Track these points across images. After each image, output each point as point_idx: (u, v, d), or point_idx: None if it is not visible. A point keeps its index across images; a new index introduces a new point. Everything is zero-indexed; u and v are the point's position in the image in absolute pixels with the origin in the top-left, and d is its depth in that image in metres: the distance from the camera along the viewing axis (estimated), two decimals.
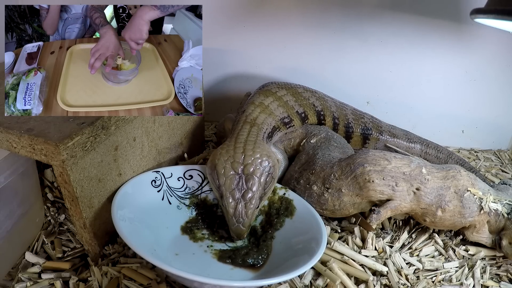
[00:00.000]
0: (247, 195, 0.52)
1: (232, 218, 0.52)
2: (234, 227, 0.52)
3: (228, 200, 0.52)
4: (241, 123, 0.61)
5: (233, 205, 0.52)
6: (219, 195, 0.54)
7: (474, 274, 0.55)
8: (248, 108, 0.64)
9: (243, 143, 0.56)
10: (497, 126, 0.90)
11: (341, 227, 0.62)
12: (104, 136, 0.49)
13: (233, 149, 0.55)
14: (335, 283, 0.49)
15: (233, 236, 0.53)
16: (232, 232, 0.53)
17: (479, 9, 0.54)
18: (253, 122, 0.61)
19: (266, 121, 0.62)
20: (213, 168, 0.54)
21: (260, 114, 0.63)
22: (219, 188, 0.53)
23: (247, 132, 0.58)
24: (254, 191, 0.53)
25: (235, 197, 0.52)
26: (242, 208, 0.52)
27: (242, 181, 0.53)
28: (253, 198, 0.53)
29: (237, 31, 0.84)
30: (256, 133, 0.59)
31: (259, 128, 0.60)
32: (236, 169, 0.53)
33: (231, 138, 0.58)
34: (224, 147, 0.56)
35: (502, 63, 0.83)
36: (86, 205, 0.49)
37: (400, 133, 0.76)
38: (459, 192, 0.55)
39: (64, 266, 0.52)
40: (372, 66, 0.86)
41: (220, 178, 0.53)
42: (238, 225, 0.52)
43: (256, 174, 0.53)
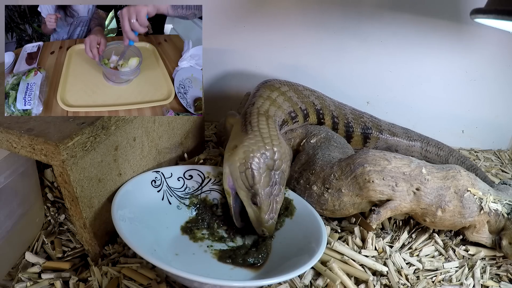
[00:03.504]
0: (277, 190, 0.53)
1: (266, 215, 0.52)
2: (269, 224, 0.52)
3: (263, 198, 0.52)
4: (255, 115, 0.59)
5: (267, 202, 0.52)
6: (251, 194, 0.52)
7: (474, 274, 0.55)
8: (258, 100, 0.63)
9: (270, 139, 0.55)
10: (497, 126, 0.90)
11: (341, 227, 0.62)
12: (104, 136, 0.49)
13: (263, 145, 0.53)
14: (335, 283, 0.49)
15: (264, 234, 0.53)
16: (265, 229, 0.53)
17: (479, 9, 0.54)
18: (267, 114, 0.60)
19: (277, 113, 0.62)
20: (247, 167, 0.52)
21: (270, 106, 0.62)
22: (252, 187, 0.52)
23: (267, 125, 0.57)
24: (282, 186, 0.54)
25: (269, 195, 0.52)
26: (274, 204, 0.53)
27: (273, 177, 0.53)
28: (280, 193, 0.53)
29: (237, 31, 0.84)
30: (274, 126, 0.58)
31: (274, 120, 0.60)
32: (269, 165, 0.53)
33: (254, 132, 0.56)
34: (252, 142, 0.54)
35: (502, 63, 0.83)
36: (86, 205, 0.49)
37: (400, 131, 0.76)
38: (459, 192, 0.55)
39: (64, 266, 0.52)
40: (372, 66, 0.86)
41: (256, 177, 0.52)
42: (272, 221, 0.53)
43: (284, 169, 0.54)
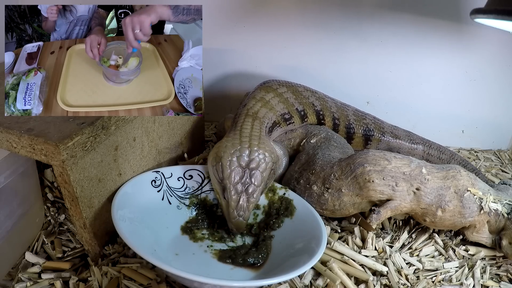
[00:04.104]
0: (250, 189, 0.53)
1: (234, 211, 0.52)
2: (235, 220, 0.53)
3: (231, 193, 0.52)
4: (243, 116, 0.60)
5: (235, 198, 0.52)
6: (221, 188, 0.54)
7: (474, 274, 0.55)
8: (250, 102, 0.64)
9: (248, 138, 0.56)
10: (497, 126, 0.90)
11: (341, 227, 0.62)
12: (104, 136, 0.49)
13: (239, 143, 0.54)
14: (335, 283, 0.49)
15: (232, 229, 0.54)
16: (232, 225, 0.53)
17: (479, 9, 0.54)
18: (255, 116, 0.61)
19: (267, 115, 0.63)
20: (217, 160, 0.54)
21: (261, 108, 0.63)
22: (222, 180, 0.53)
23: (251, 126, 0.58)
24: (257, 186, 0.53)
25: (238, 191, 0.53)
26: (244, 202, 0.53)
27: (246, 175, 0.53)
28: (255, 192, 0.53)
29: (237, 31, 0.84)
30: (259, 127, 0.59)
31: (261, 122, 0.60)
32: (242, 163, 0.53)
33: (235, 131, 0.58)
34: (229, 140, 0.55)
35: (502, 63, 0.83)
36: (86, 205, 0.49)
37: (403, 134, 0.75)
38: (459, 192, 0.55)
39: (64, 266, 0.52)
40: (372, 66, 0.86)
41: (225, 171, 0.53)
42: (239, 218, 0.53)
43: (260, 169, 0.54)
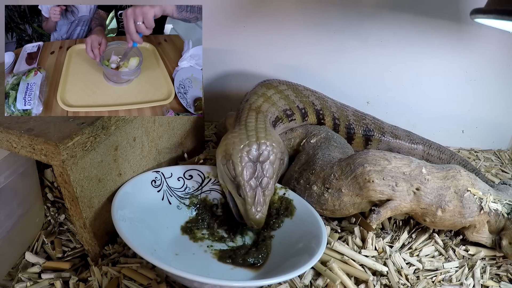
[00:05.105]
0: (264, 182, 0.52)
1: (252, 208, 0.52)
2: (255, 216, 0.52)
3: (246, 189, 0.52)
4: (246, 110, 0.60)
5: (251, 194, 0.52)
6: (235, 186, 0.53)
7: (474, 274, 0.55)
8: (252, 97, 0.63)
9: (255, 130, 0.55)
10: (497, 126, 0.90)
11: (341, 227, 0.62)
12: (104, 136, 0.49)
13: (246, 137, 0.53)
14: (335, 283, 0.49)
15: (252, 226, 0.53)
16: (252, 222, 0.52)
17: (479, 9, 0.54)
18: (258, 110, 0.60)
19: (270, 109, 0.62)
20: (227, 158, 0.53)
21: (263, 103, 0.62)
22: (235, 178, 0.52)
23: (255, 119, 0.58)
24: (269, 178, 0.53)
25: (252, 186, 0.52)
26: (260, 196, 0.52)
27: (258, 169, 0.53)
28: (269, 184, 0.53)
29: (237, 31, 0.84)
30: (263, 120, 0.58)
31: (265, 115, 0.60)
32: (252, 157, 0.52)
33: (240, 126, 0.57)
34: (235, 135, 0.54)
35: (502, 63, 0.83)
36: (86, 205, 0.49)
37: (403, 134, 0.75)
38: (459, 192, 0.55)
39: (64, 266, 0.52)
40: (372, 66, 0.86)
41: (237, 168, 0.52)
42: (259, 213, 0.52)
43: (271, 161, 0.53)
